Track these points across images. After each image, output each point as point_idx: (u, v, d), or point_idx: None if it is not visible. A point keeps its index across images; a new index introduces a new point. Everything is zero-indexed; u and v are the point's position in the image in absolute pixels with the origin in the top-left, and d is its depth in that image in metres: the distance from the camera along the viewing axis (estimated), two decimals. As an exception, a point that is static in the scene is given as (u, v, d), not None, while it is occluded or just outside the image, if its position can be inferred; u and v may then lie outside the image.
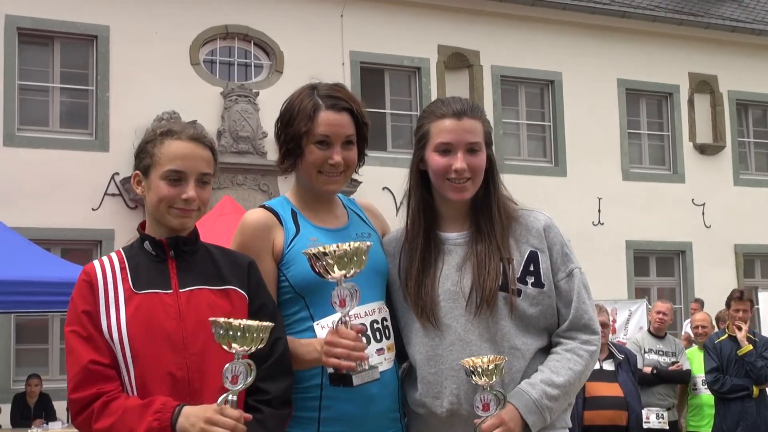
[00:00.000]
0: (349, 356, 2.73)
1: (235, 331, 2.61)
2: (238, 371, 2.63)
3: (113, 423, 2.70)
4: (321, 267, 2.79)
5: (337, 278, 2.79)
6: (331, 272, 2.79)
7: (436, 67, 18.33)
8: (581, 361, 3.10)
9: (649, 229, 19.49)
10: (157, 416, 2.67)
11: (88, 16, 15.77)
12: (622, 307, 15.87)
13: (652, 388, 9.68)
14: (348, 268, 2.79)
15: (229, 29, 16.87)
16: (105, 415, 2.72)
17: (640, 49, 19.96)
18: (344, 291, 2.79)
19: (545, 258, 3.15)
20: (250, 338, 2.62)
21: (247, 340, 2.62)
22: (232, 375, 2.63)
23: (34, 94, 15.81)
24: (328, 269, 2.79)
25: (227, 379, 2.63)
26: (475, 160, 3.14)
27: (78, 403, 2.77)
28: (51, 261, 10.79)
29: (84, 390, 2.76)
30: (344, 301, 2.79)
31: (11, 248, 10.32)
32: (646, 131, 20.50)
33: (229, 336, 2.61)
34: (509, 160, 18.58)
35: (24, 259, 10.12)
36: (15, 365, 14.94)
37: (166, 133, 2.97)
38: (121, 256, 2.96)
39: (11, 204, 14.25)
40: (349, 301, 2.79)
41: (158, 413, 2.68)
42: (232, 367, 2.63)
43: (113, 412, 2.72)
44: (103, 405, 2.74)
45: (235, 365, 2.63)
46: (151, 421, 2.66)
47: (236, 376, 2.63)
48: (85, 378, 2.76)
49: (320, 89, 3.19)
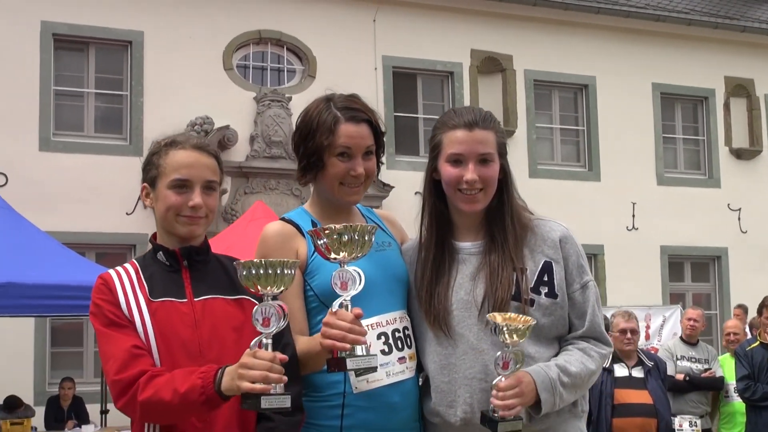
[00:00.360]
0: (344, 338, 2.69)
1: (258, 269, 2.61)
2: (269, 313, 2.62)
3: (157, 390, 2.72)
4: (323, 245, 2.77)
5: (339, 259, 2.77)
6: (334, 252, 2.77)
7: (468, 71, 18.29)
8: (593, 361, 3.12)
9: (684, 234, 19.34)
10: (201, 375, 2.69)
11: (123, 22, 15.90)
12: (656, 312, 15.79)
13: (684, 396, 9.63)
14: (351, 249, 2.76)
15: (262, 34, 16.94)
16: (150, 387, 2.74)
17: (675, 53, 19.82)
18: (346, 274, 2.77)
19: (560, 269, 3.15)
20: (273, 276, 2.61)
21: (271, 278, 2.61)
22: (263, 317, 2.62)
23: (70, 100, 15.96)
24: (330, 248, 2.77)
25: (258, 322, 2.62)
26: (487, 171, 3.14)
27: (121, 383, 2.78)
28: (85, 265, 10.88)
29: (129, 370, 2.78)
30: (346, 284, 2.77)
31: (46, 252, 10.42)
32: (681, 135, 20.34)
33: (253, 276, 2.61)
34: (542, 165, 18.55)
35: (59, 264, 10.21)
36: (50, 368, 15.07)
37: (170, 144, 3.03)
38: (136, 267, 3.01)
39: (46, 208, 14.38)
40: (351, 285, 2.77)
41: (203, 373, 2.69)
42: (263, 308, 2.62)
43: (158, 383, 2.74)
44: (149, 378, 2.76)
45: (264, 307, 2.62)
46: (195, 380, 2.68)
47: (267, 318, 2.62)
48: (130, 359, 2.79)
49: (336, 101, 3.19)
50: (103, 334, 2.88)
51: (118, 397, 2.81)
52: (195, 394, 2.66)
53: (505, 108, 18.32)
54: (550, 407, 2.98)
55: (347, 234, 2.74)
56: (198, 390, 2.66)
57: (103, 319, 2.89)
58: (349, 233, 2.74)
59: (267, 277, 2.61)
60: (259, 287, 2.62)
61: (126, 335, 2.84)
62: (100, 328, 2.89)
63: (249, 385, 2.56)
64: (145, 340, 2.85)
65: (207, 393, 2.66)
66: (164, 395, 2.70)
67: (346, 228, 2.75)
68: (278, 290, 2.64)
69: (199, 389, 2.66)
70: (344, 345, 2.69)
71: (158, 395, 2.71)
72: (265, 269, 2.60)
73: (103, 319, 2.89)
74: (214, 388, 2.65)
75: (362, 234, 2.77)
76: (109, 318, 2.88)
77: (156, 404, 2.72)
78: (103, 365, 2.90)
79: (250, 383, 2.56)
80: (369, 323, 3.06)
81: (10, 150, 14.83)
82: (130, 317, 2.87)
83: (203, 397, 2.66)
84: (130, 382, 2.77)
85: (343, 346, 2.70)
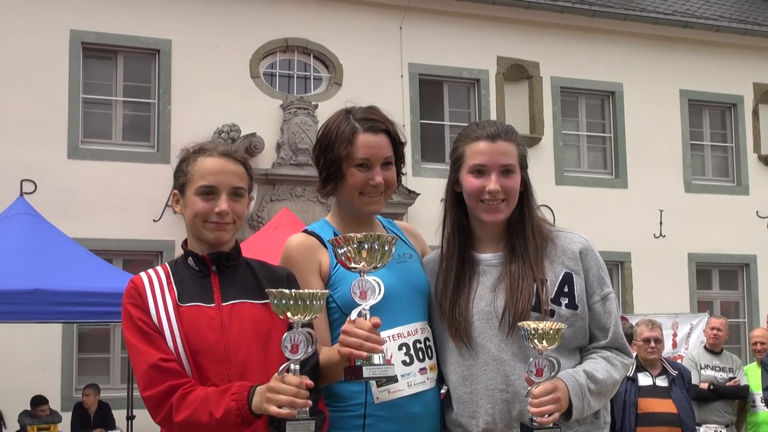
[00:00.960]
0: (361, 346, 2.71)
1: (288, 300, 2.65)
2: (298, 340, 2.65)
3: (193, 411, 2.77)
4: (343, 255, 2.79)
5: (359, 269, 2.79)
6: (354, 261, 2.79)
7: (495, 78, 18.27)
8: (616, 370, 3.13)
9: (712, 241, 19.21)
10: (234, 397, 2.73)
11: (151, 31, 16.02)
12: (683, 320, 15.66)
13: (709, 405, 9.57)
14: (370, 258, 2.78)
15: (288, 42, 17.00)
16: (184, 407, 2.78)
17: (703, 60, 19.70)
18: (365, 283, 2.78)
19: (580, 280, 3.16)
20: (303, 306, 2.64)
21: (300, 308, 2.64)
22: (291, 344, 2.66)
23: (98, 108, 16.08)
24: (350, 257, 2.78)
25: (287, 349, 2.66)
26: (509, 182, 3.17)
27: (152, 400, 2.84)
28: (112, 272, 10.96)
29: (155, 387, 2.83)
30: (365, 294, 2.78)
31: (74, 259, 10.52)
32: (709, 142, 20.20)
33: (283, 305, 2.65)
34: (569, 172, 18.48)
35: (86, 270, 10.30)
36: (77, 374, 15.18)
37: (198, 151, 3.08)
38: (167, 270, 3.06)
39: (74, 215, 14.51)
40: (371, 294, 2.78)
41: (235, 394, 2.74)
42: (291, 336, 2.66)
43: (192, 402, 2.78)
44: (181, 397, 2.80)
45: (294, 334, 2.66)
46: (229, 402, 2.73)
47: (296, 345, 2.65)
48: (156, 375, 2.84)
49: (355, 113, 3.22)
50: (132, 347, 2.93)
51: (153, 413, 2.87)
52: (231, 416, 2.73)
53: (532, 115, 18.29)
54: (579, 414, 2.98)
55: (367, 243, 2.76)
56: (234, 413, 2.73)
57: (132, 328, 2.93)
58: (370, 242, 2.76)
59: (297, 306, 2.66)
60: (288, 314, 2.67)
61: (152, 347, 2.88)
62: (129, 339, 2.94)
63: (276, 410, 2.61)
64: (172, 345, 2.89)
65: (242, 414, 2.72)
66: (201, 417, 2.77)
67: (366, 237, 2.76)
68: (306, 319, 2.68)
69: (234, 412, 2.72)
70: (361, 353, 2.71)
71: (195, 417, 2.77)
72: (295, 300, 2.65)
73: (132, 329, 2.93)
74: (248, 408, 2.71)
75: (383, 244, 2.78)
76: (137, 326, 2.92)
77: (194, 426, 2.79)
78: (136, 379, 2.96)
79: (276, 407, 2.61)
80: (390, 334, 3.08)
81: (39, 157, 14.97)
82: (158, 322, 2.91)
83: (239, 419, 2.72)
84: (160, 399, 2.82)
85: (359, 354, 2.71)
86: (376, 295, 2.78)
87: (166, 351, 2.88)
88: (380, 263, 2.80)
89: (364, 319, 2.77)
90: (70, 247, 10.84)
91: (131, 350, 2.93)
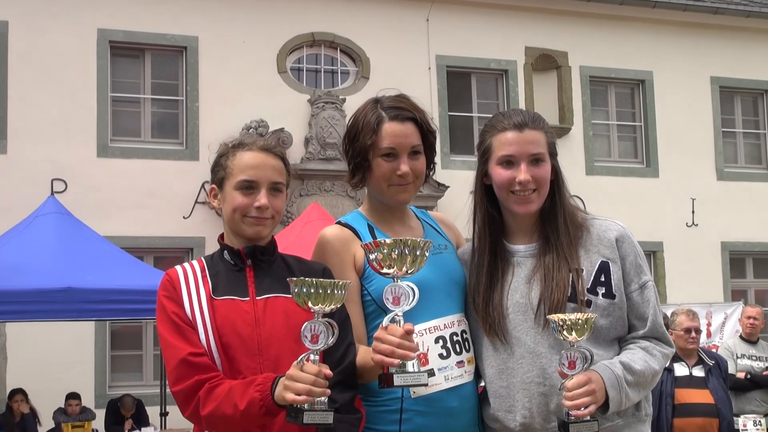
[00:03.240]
0: (393, 353, 2.65)
1: (309, 287, 2.62)
2: (318, 330, 2.63)
3: (218, 404, 2.76)
4: (375, 260, 2.74)
5: (391, 274, 2.73)
6: (386, 267, 2.73)
7: (523, 69, 18.18)
8: (656, 360, 3.05)
9: (745, 229, 19.03)
10: (258, 388, 2.72)
11: (178, 28, 16.06)
12: (717, 310, 15.53)
13: (747, 395, 9.48)
14: (403, 263, 2.72)
15: (315, 37, 16.98)
16: (210, 400, 2.78)
17: (733, 46, 19.50)
18: (399, 289, 2.73)
19: (617, 269, 3.09)
20: (324, 295, 2.61)
21: (321, 297, 2.62)
22: (311, 334, 2.64)
23: (127, 106, 16.14)
24: (382, 263, 2.73)
25: (306, 338, 2.64)
26: (540, 171, 3.10)
27: (180, 394, 2.84)
28: (143, 269, 11.00)
29: (184, 382, 2.82)
30: (398, 299, 2.73)
31: (105, 257, 10.56)
32: (741, 129, 20.01)
33: (304, 293, 2.62)
34: (599, 162, 18.36)
35: (117, 268, 10.34)
36: (110, 371, 15.25)
37: (237, 146, 3.06)
38: (203, 264, 3.05)
39: (105, 213, 14.58)
40: (404, 300, 2.72)
41: (260, 386, 2.73)
42: (312, 326, 2.64)
43: (218, 395, 2.78)
44: (208, 391, 2.80)
45: (314, 324, 2.64)
46: (253, 393, 2.71)
47: (316, 335, 2.63)
48: (184, 370, 2.83)
49: (383, 102, 3.18)
50: (164, 340, 2.93)
51: (182, 407, 2.87)
52: (255, 407, 2.71)
53: (561, 105, 18.17)
54: (617, 406, 2.91)
55: (397, 248, 2.70)
56: (257, 404, 2.70)
57: (165, 321, 2.93)
58: (400, 248, 2.70)
59: (318, 295, 2.62)
60: (310, 304, 2.63)
61: (184, 341, 2.87)
62: (161, 333, 2.94)
63: (293, 397, 2.58)
64: (205, 338, 2.88)
65: (266, 405, 2.70)
66: (226, 410, 2.75)
67: (396, 243, 2.70)
68: (328, 308, 2.65)
69: (258, 402, 2.70)
70: (392, 360, 2.65)
71: (220, 410, 2.76)
72: (315, 288, 2.62)
73: (166, 322, 2.92)
74: (272, 398, 2.69)
75: (414, 248, 2.72)
76: (171, 319, 2.91)
77: (219, 419, 2.78)
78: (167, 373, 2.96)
79: (294, 395, 2.58)
80: (427, 327, 3.04)
81: (69, 156, 15.05)
82: (191, 315, 2.90)
83: (263, 409, 2.70)
84: (188, 394, 2.82)
85: (391, 361, 2.65)
86: (410, 301, 2.73)
87: (197, 345, 2.87)
88: (413, 268, 2.74)
89: (396, 325, 2.71)
90: (101, 245, 10.88)
91: (163, 344, 2.93)
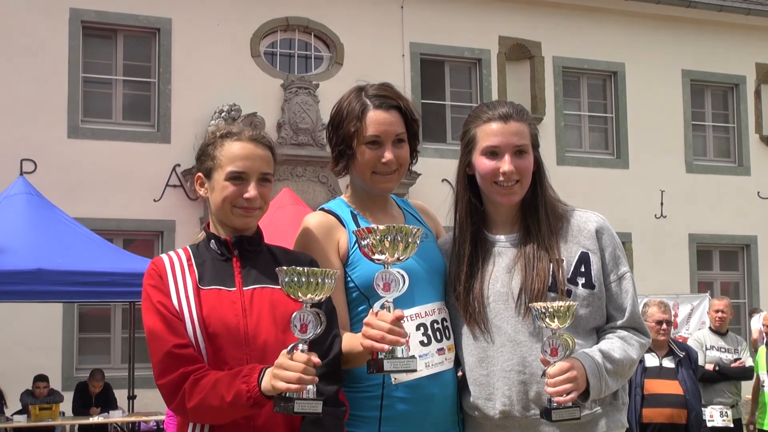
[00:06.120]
0: (383, 338, 2.65)
1: (300, 276, 2.61)
2: (307, 320, 2.63)
3: (204, 396, 2.74)
4: (367, 246, 2.75)
5: (382, 261, 2.74)
6: (377, 252, 2.74)
7: (496, 58, 18.21)
8: (633, 350, 3.09)
9: (713, 222, 19.23)
10: (244, 379, 2.70)
11: (151, 9, 15.94)
12: (684, 301, 15.69)
13: (715, 386, 9.57)
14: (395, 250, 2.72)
15: (289, 21, 16.92)
16: (196, 392, 2.75)
17: (705, 40, 19.65)
18: (389, 275, 2.73)
19: (597, 259, 3.12)
20: (315, 284, 2.61)
21: (312, 285, 2.61)
22: (301, 323, 2.63)
23: (98, 87, 16.02)
24: (373, 248, 2.74)
25: (296, 328, 2.63)
26: (523, 163, 3.12)
27: (166, 387, 2.81)
28: (113, 252, 10.96)
29: (169, 374, 2.79)
30: (388, 286, 2.73)
31: (74, 239, 10.51)
32: (711, 123, 20.18)
33: (294, 283, 2.61)
34: (570, 153, 18.45)
35: (87, 250, 10.29)
36: (78, 354, 15.17)
37: (225, 135, 3.03)
38: (188, 253, 3.02)
39: (75, 195, 14.48)
40: (395, 286, 2.73)
41: (246, 377, 2.71)
42: (301, 315, 2.63)
43: (204, 387, 2.75)
44: (193, 384, 2.77)
45: (303, 313, 2.63)
46: (239, 384, 2.69)
47: (305, 324, 2.63)
48: (170, 362, 2.80)
49: (368, 90, 3.18)
50: (149, 331, 2.89)
51: (167, 400, 2.84)
52: (242, 399, 2.69)
53: (533, 95, 18.23)
54: (597, 394, 2.94)
55: (390, 235, 2.71)
56: (244, 395, 2.69)
57: (150, 311, 2.89)
58: (392, 234, 2.71)
59: (308, 285, 2.62)
60: (299, 294, 2.63)
61: (169, 332, 2.84)
62: (147, 323, 2.90)
63: (284, 385, 2.58)
64: (191, 328, 2.85)
65: (253, 396, 2.68)
66: (212, 402, 2.73)
67: (389, 229, 2.71)
68: (318, 298, 2.65)
69: (245, 394, 2.69)
70: (383, 346, 2.66)
71: (206, 402, 2.74)
72: (306, 277, 2.61)
73: (151, 312, 2.88)
74: (259, 390, 2.67)
75: (406, 235, 2.73)
76: (156, 309, 2.87)
77: (205, 411, 2.76)
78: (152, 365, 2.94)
79: (285, 383, 2.58)
80: (409, 314, 3.03)
81: (39, 137, 14.92)
82: (178, 304, 2.87)
83: (250, 401, 2.69)
84: (174, 387, 2.79)
85: (381, 347, 2.66)
86: (401, 287, 2.73)
87: (182, 336, 2.84)
88: (404, 255, 2.75)
89: (387, 311, 2.72)
90: (71, 226, 10.83)
91: (149, 335, 2.89)
